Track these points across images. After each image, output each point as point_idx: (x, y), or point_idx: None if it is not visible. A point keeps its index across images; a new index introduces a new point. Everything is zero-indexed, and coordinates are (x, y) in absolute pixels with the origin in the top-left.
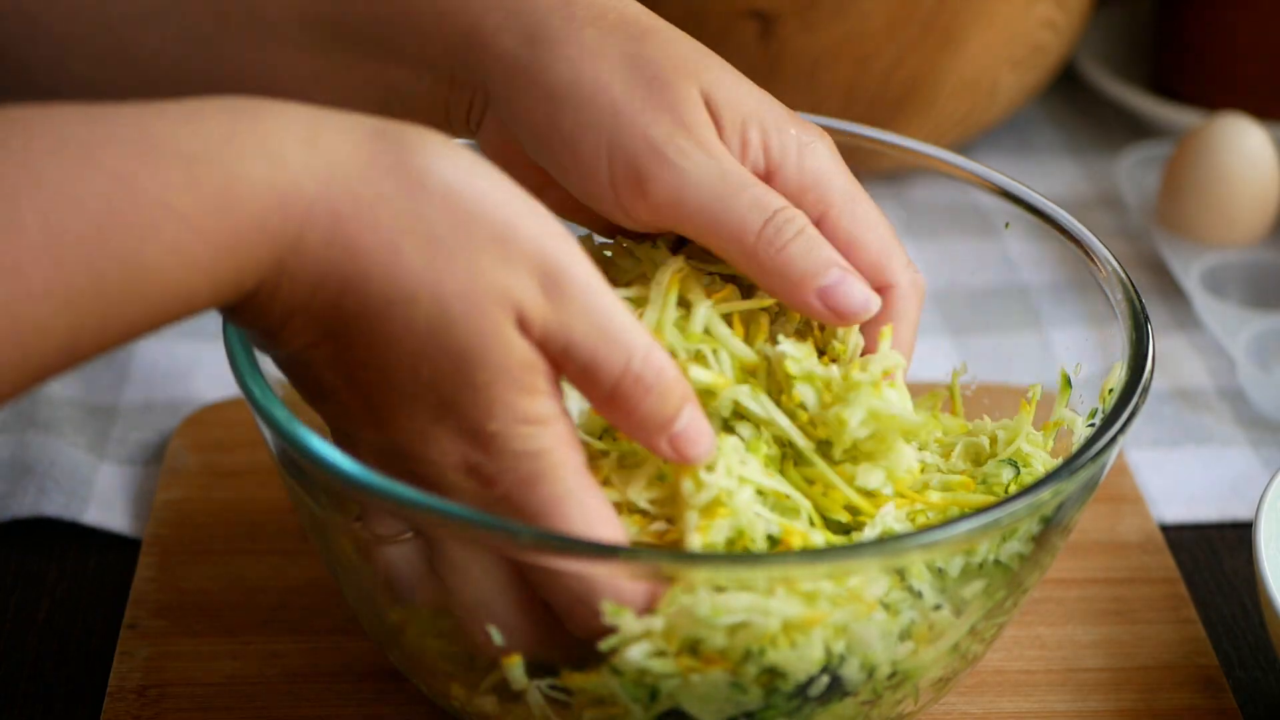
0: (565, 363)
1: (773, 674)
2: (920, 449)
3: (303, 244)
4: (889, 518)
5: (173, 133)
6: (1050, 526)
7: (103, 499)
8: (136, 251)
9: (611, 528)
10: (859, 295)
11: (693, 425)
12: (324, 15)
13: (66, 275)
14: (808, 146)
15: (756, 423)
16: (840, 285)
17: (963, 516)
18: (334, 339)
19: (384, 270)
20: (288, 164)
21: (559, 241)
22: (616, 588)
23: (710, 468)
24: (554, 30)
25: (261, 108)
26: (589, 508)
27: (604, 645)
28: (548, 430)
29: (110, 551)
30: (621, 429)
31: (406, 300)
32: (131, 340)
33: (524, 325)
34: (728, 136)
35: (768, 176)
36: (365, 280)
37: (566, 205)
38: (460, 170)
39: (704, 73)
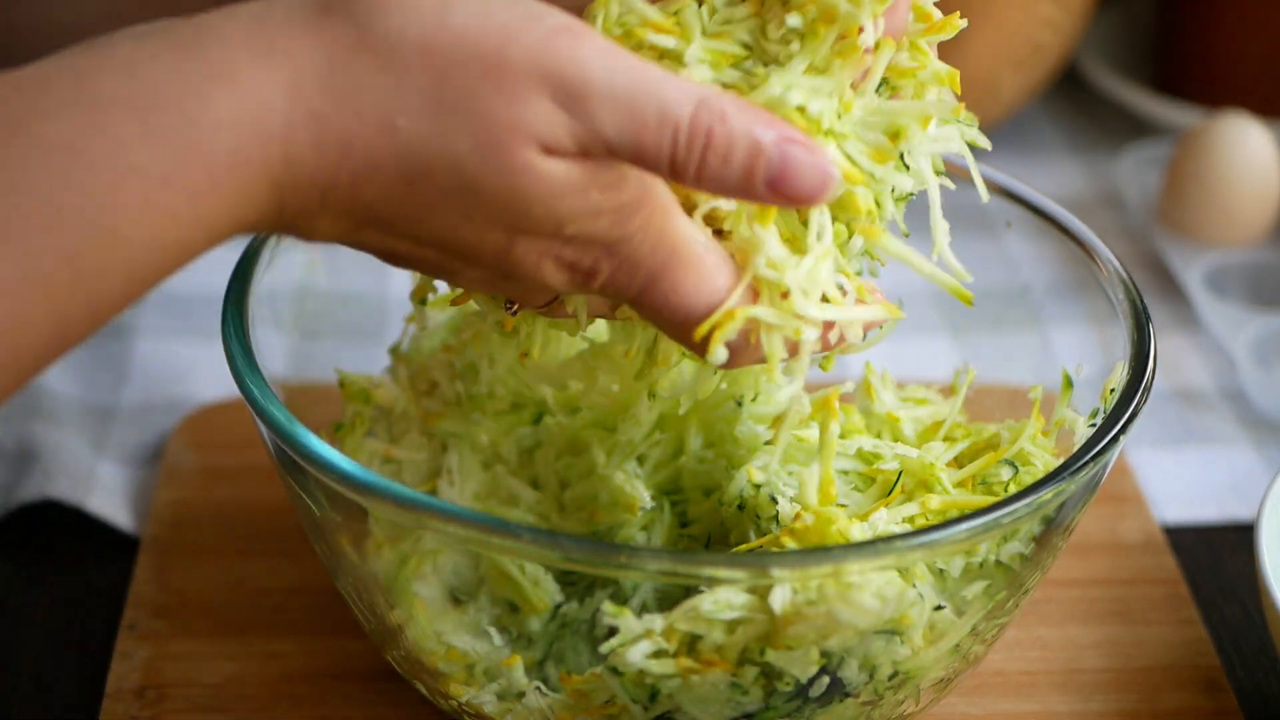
0: (616, 158)
1: (772, 675)
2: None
3: (292, 158)
4: (882, 522)
5: (117, 87)
6: (1052, 527)
7: (105, 492)
8: (104, 220)
9: (723, 274)
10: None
11: (790, 164)
12: None
13: (36, 264)
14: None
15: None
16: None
17: (964, 517)
18: (372, 225)
19: (389, 153)
20: (248, 87)
21: (558, 41)
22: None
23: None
24: None
25: (202, 30)
26: (697, 262)
27: (604, 647)
28: (623, 209)
29: (110, 551)
30: (713, 194)
31: (424, 174)
32: (128, 306)
33: (554, 149)
34: None
35: None
36: (374, 168)
37: None
38: (427, 19)
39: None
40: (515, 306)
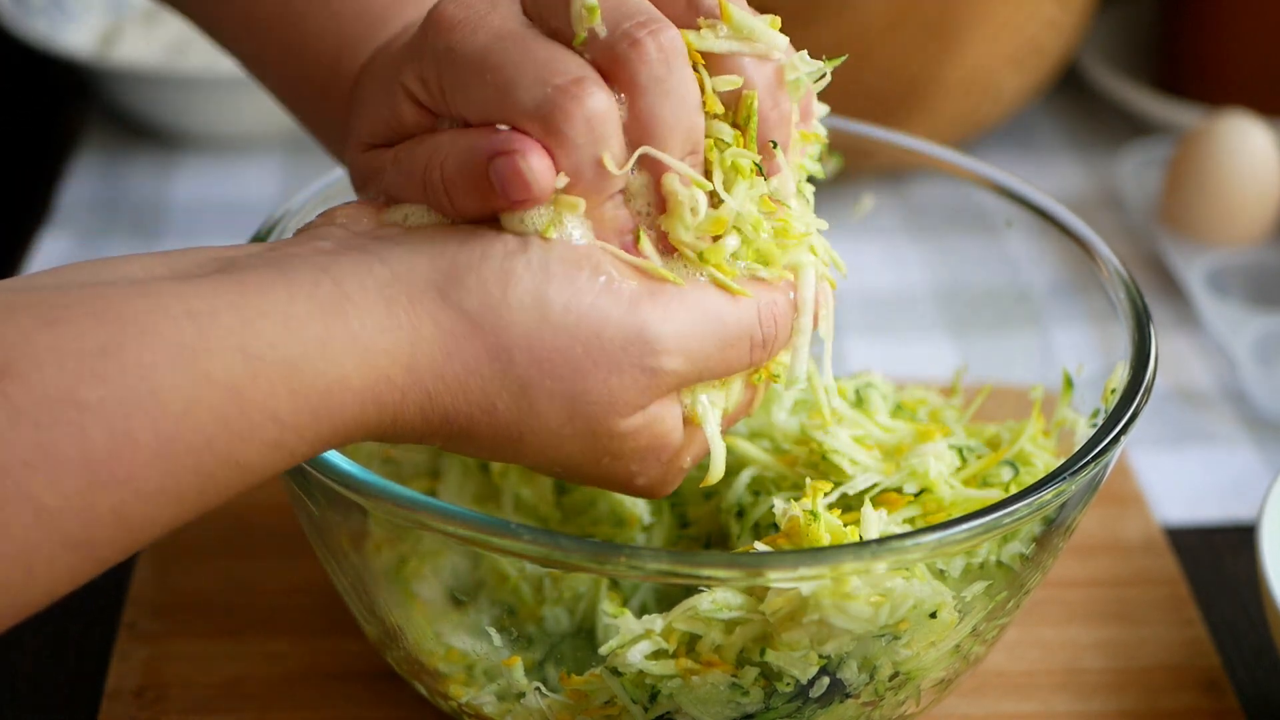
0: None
1: (771, 675)
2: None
3: (400, 421)
4: (881, 523)
5: (274, 339)
6: (1052, 527)
7: None
8: (241, 453)
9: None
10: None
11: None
12: None
13: (175, 480)
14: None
15: None
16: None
17: (964, 517)
18: (456, 448)
19: (486, 426)
20: (376, 361)
21: (640, 311)
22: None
23: None
24: None
25: (341, 295)
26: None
27: (605, 647)
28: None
29: None
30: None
31: (514, 442)
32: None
33: (638, 408)
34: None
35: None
36: (469, 437)
37: None
38: (528, 306)
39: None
40: None
